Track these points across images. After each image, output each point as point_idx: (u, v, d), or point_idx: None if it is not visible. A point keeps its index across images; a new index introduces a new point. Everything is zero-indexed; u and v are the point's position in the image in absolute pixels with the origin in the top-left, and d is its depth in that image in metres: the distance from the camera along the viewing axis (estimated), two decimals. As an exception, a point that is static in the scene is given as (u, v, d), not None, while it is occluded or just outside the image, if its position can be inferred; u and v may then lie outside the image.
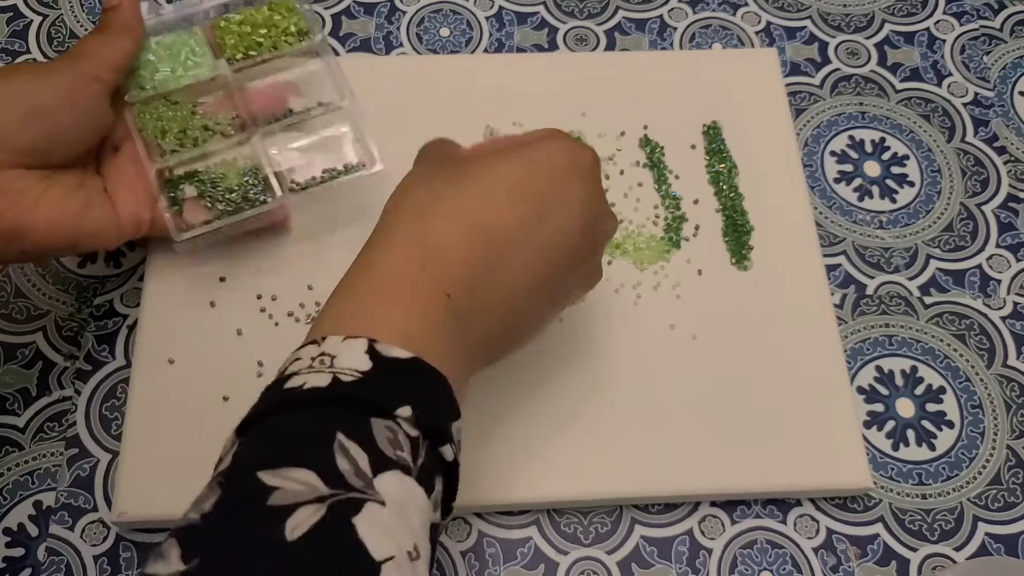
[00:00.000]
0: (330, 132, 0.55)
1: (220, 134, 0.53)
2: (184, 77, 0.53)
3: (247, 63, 0.54)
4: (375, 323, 0.37)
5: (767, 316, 0.56)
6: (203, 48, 0.54)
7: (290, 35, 0.55)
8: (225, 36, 0.54)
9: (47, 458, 0.53)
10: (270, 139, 0.54)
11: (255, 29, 0.54)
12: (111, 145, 0.51)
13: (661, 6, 0.69)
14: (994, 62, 0.68)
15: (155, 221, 0.51)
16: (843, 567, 0.52)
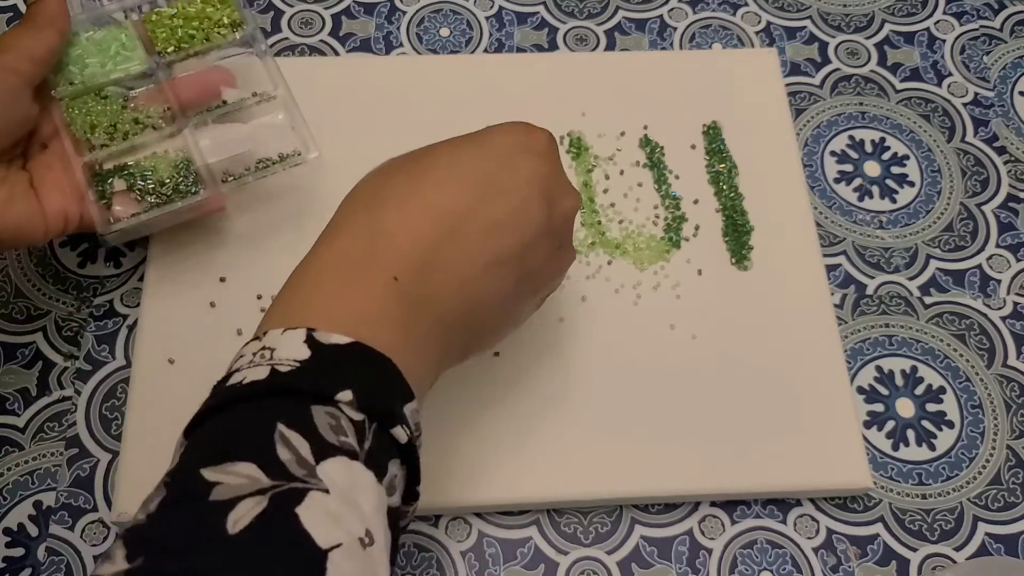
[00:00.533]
0: (266, 121, 0.54)
1: (151, 127, 0.52)
2: (113, 71, 0.52)
3: (179, 56, 0.53)
4: (315, 312, 0.37)
5: (767, 316, 0.56)
6: (133, 42, 0.53)
7: (223, 27, 0.54)
8: (156, 29, 0.53)
9: (47, 458, 0.53)
10: (203, 130, 0.53)
11: (187, 22, 0.54)
12: (38, 142, 0.51)
13: (661, 6, 0.69)
14: (994, 62, 0.68)
15: (84, 217, 0.50)
16: (843, 567, 0.52)
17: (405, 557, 0.51)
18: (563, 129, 0.61)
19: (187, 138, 0.52)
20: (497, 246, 0.41)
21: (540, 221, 0.42)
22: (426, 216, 0.39)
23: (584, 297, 0.56)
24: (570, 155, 0.60)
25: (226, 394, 0.35)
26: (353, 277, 0.38)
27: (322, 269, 0.39)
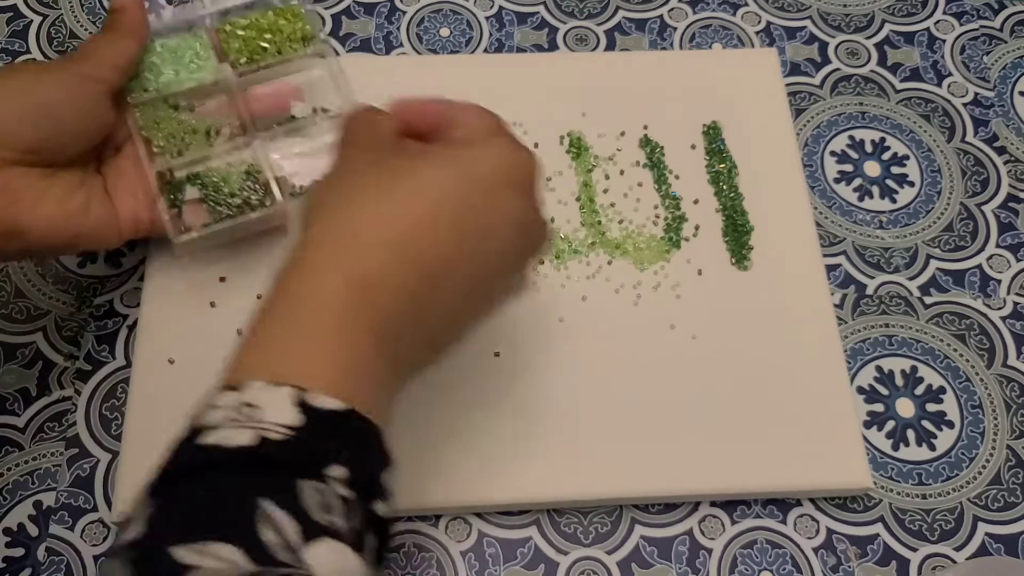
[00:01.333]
0: (333, 137, 0.55)
1: (222, 137, 0.53)
2: (187, 80, 0.53)
3: (251, 68, 0.54)
4: (302, 367, 0.34)
5: (767, 316, 0.56)
6: (207, 52, 0.54)
7: (295, 41, 0.55)
8: (230, 40, 0.54)
9: (47, 458, 0.53)
10: (272, 143, 0.54)
11: (260, 34, 0.54)
12: (113, 146, 0.51)
13: (661, 6, 0.69)
14: (994, 62, 0.68)
15: (154, 222, 0.51)
16: (843, 567, 0.52)
17: (405, 557, 0.51)
18: (563, 129, 0.61)
19: (257, 150, 0.53)
20: (472, 288, 0.39)
21: (513, 258, 0.41)
22: (411, 263, 0.37)
23: (584, 297, 0.56)
24: (570, 155, 0.60)
25: (204, 457, 0.32)
26: (338, 327, 0.35)
27: (305, 312, 0.36)
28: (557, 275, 0.57)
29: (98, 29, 0.66)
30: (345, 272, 0.36)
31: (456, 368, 0.54)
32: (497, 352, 0.54)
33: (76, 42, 0.66)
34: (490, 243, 0.39)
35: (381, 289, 0.36)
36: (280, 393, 0.33)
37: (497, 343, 0.54)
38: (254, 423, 0.32)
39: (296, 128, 0.54)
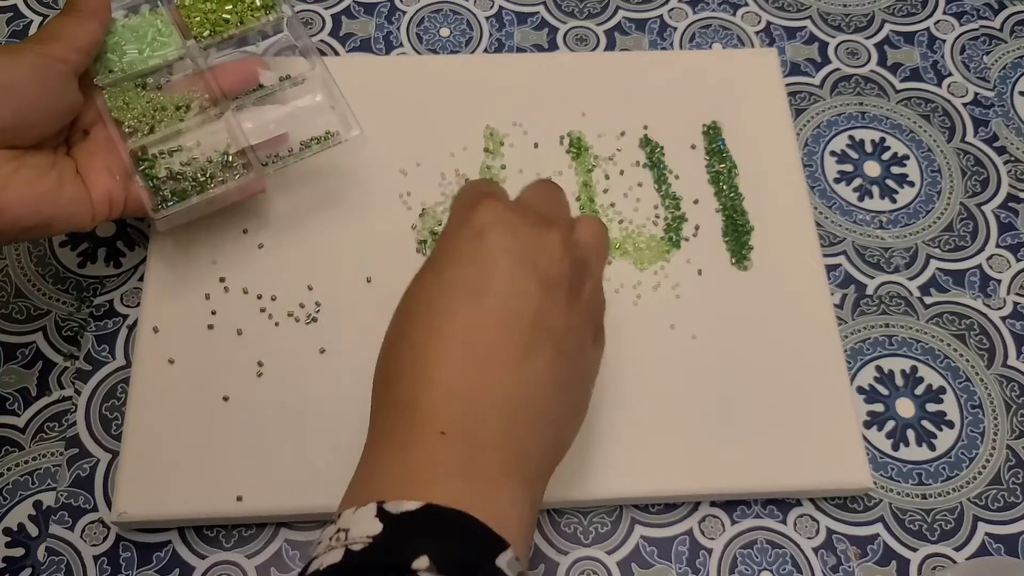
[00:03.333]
0: (304, 102, 0.55)
1: (192, 112, 0.52)
2: (152, 57, 0.53)
3: (214, 40, 0.54)
4: (381, 484, 0.36)
5: (767, 316, 0.56)
6: (169, 28, 0.54)
7: (256, 9, 0.54)
8: (191, 14, 0.54)
9: (47, 458, 0.53)
10: (243, 113, 0.53)
11: (220, 5, 0.54)
12: (80, 129, 0.51)
13: (661, 6, 0.69)
14: (994, 62, 0.68)
15: (128, 202, 0.50)
16: (843, 567, 0.52)
17: (405, 557, 0.51)
18: (563, 129, 0.61)
19: (229, 121, 0.53)
20: (511, 341, 0.39)
21: (532, 284, 0.39)
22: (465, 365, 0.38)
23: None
24: (570, 155, 0.60)
25: None
26: (403, 447, 0.37)
27: (377, 449, 0.39)
28: (557, 275, 0.57)
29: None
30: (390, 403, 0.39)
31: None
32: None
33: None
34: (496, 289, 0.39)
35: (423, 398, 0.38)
36: (364, 511, 0.34)
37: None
38: (343, 543, 0.34)
39: (265, 95, 0.54)
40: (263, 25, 0.55)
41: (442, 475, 0.36)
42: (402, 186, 0.59)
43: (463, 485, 0.36)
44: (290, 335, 0.54)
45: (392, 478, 0.36)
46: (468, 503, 0.35)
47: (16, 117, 0.46)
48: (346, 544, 0.33)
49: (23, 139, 0.47)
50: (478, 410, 0.38)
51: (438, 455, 0.36)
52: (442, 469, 0.36)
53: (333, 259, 0.56)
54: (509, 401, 0.38)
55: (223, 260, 0.56)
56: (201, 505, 0.50)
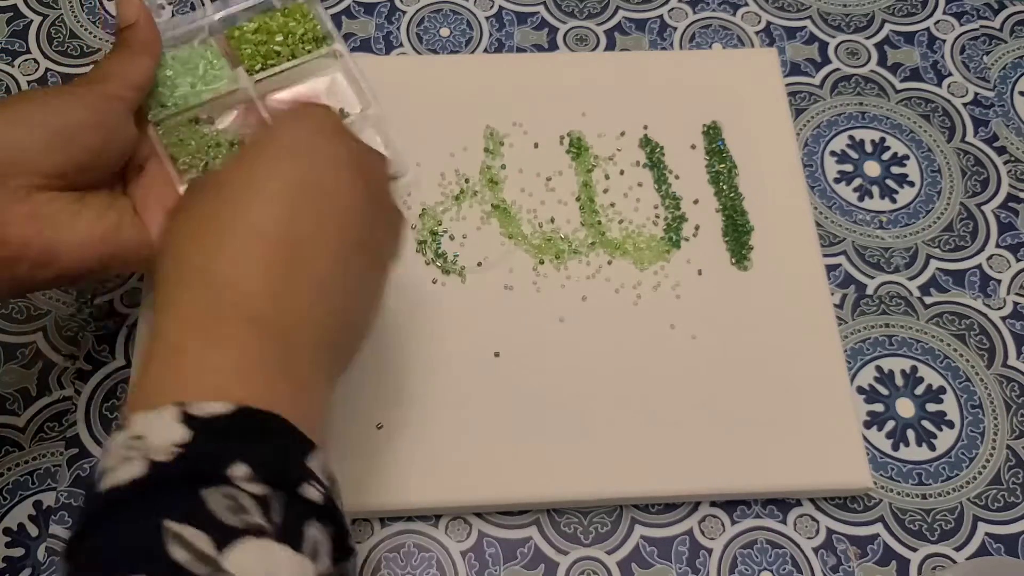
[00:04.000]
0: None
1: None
2: (205, 91, 0.51)
3: (266, 73, 0.53)
4: (180, 383, 0.33)
5: (767, 316, 0.56)
6: (220, 60, 0.52)
7: (307, 42, 0.53)
8: (241, 46, 0.53)
9: (47, 458, 0.53)
10: None
11: (271, 37, 0.53)
12: (135, 165, 0.50)
13: (661, 6, 0.69)
14: (994, 62, 0.68)
15: None
16: (843, 567, 0.52)
17: (405, 557, 0.51)
18: (563, 129, 0.61)
19: None
20: (336, 240, 0.38)
21: (362, 197, 0.39)
22: (257, 248, 0.36)
23: (584, 297, 0.56)
24: (570, 155, 0.60)
25: (102, 501, 0.31)
26: (207, 334, 0.34)
27: (172, 338, 0.35)
28: (557, 275, 0.57)
29: (97, 28, 0.66)
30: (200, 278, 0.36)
31: (456, 368, 0.54)
32: (497, 352, 0.54)
33: (76, 42, 0.66)
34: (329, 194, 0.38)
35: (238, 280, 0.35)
36: (163, 414, 0.31)
37: (497, 343, 0.54)
38: (142, 453, 0.31)
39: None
40: (314, 58, 0.53)
41: (248, 366, 0.34)
42: (402, 186, 0.59)
43: (271, 380, 0.34)
44: (290, 335, 0.54)
45: (192, 373, 0.33)
46: (281, 405, 0.33)
47: (75, 162, 0.45)
48: (148, 455, 0.30)
49: (83, 181, 0.46)
50: (294, 302, 0.36)
51: (245, 342, 0.34)
52: (250, 360, 0.34)
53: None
54: (324, 293, 0.37)
55: (223, 260, 0.56)
56: (201, 505, 0.50)
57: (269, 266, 0.36)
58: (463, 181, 0.59)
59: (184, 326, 0.35)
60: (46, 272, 0.44)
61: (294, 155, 0.39)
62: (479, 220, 0.58)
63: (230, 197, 0.38)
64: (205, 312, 0.35)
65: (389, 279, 0.42)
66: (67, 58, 0.65)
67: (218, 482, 0.30)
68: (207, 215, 0.37)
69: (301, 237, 0.37)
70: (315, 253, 0.37)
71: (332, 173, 0.39)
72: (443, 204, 0.58)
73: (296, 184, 0.38)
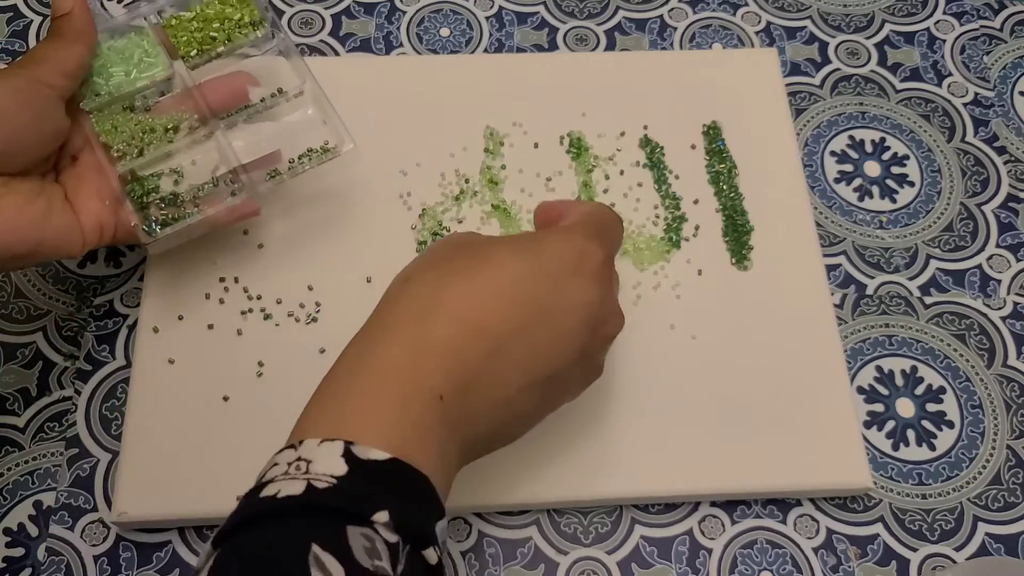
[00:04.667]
0: (296, 117, 0.54)
1: (182, 132, 0.52)
2: (139, 79, 0.52)
3: (202, 59, 0.53)
4: (354, 424, 0.36)
5: (767, 316, 0.56)
6: (156, 48, 0.53)
7: (244, 26, 0.54)
8: (178, 33, 0.53)
9: (47, 458, 0.53)
10: (234, 132, 0.53)
11: (207, 24, 0.53)
12: (69, 155, 0.50)
13: (661, 6, 0.69)
14: (994, 62, 0.68)
15: (118, 227, 0.50)
16: (843, 567, 0.52)
17: (405, 557, 0.51)
18: (563, 129, 0.61)
19: (219, 141, 0.52)
20: (538, 371, 0.41)
21: (579, 348, 0.42)
22: (474, 335, 0.39)
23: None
24: (570, 155, 0.60)
25: (258, 507, 0.34)
26: (397, 390, 0.37)
27: (365, 378, 0.38)
28: (557, 275, 0.57)
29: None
30: (411, 343, 0.39)
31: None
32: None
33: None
34: (556, 326, 0.41)
35: (442, 356, 0.38)
36: (330, 447, 0.35)
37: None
38: (304, 475, 0.34)
39: (257, 113, 0.53)
40: (251, 42, 0.54)
41: (417, 436, 0.37)
42: (402, 186, 0.59)
43: (431, 451, 0.37)
44: (290, 335, 0.54)
45: (369, 420, 0.36)
46: (430, 467, 0.36)
47: (3, 144, 0.45)
48: (308, 478, 0.34)
49: (9, 166, 0.46)
50: (475, 401, 0.39)
51: (425, 416, 0.37)
52: (421, 430, 0.37)
53: (333, 259, 0.56)
54: (498, 407, 0.40)
55: (223, 260, 0.56)
56: (201, 505, 0.50)
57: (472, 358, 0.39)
58: (463, 181, 0.59)
59: (382, 376, 0.38)
60: None
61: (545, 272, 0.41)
62: (479, 220, 0.58)
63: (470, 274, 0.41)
64: (400, 374, 0.38)
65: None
66: (67, 58, 0.65)
67: (362, 523, 0.33)
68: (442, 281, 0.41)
69: (507, 346, 0.40)
70: (511, 367, 0.40)
71: (568, 313, 0.41)
72: (443, 204, 0.58)
73: (530, 299, 0.41)
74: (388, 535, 0.33)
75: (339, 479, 0.34)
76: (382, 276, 0.55)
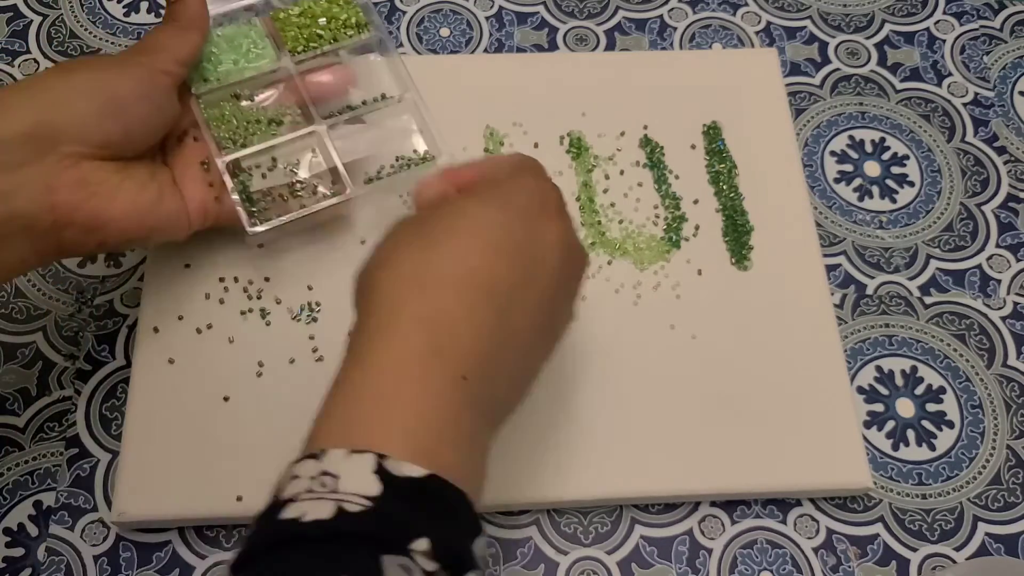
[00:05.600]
0: (393, 123, 0.55)
1: (285, 127, 0.52)
2: (247, 69, 0.53)
3: (308, 55, 0.54)
4: (383, 432, 0.33)
5: (767, 316, 0.56)
6: (264, 40, 0.54)
7: (350, 27, 0.55)
8: (285, 27, 0.54)
9: (47, 458, 0.53)
10: (334, 131, 0.53)
11: (314, 20, 0.54)
12: (175, 136, 0.51)
13: (661, 6, 0.69)
14: (994, 62, 0.68)
15: (221, 212, 0.51)
16: (843, 567, 0.52)
17: (405, 557, 0.51)
18: (563, 129, 0.61)
19: (323, 138, 0.53)
20: (540, 320, 0.40)
21: (565, 282, 0.41)
22: (482, 295, 0.37)
23: (584, 297, 0.56)
24: (570, 155, 0.60)
25: (284, 531, 0.31)
26: (420, 386, 0.35)
27: (383, 376, 0.35)
28: (557, 275, 0.57)
29: (97, 28, 0.66)
30: (421, 325, 0.36)
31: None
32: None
33: (76, 42, 0.66)
34: (543, 268, 0.40)
35: (460, 327, 0.36)
36: (360, 461, 0.32)
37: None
38: (332, 494, 0.31)
39: (356, 115, 0.54)
40: (355, 43, 0.55)
41: (450, 437, 0.34)
42: (402, 186, 0.59)
43: (463, 450, 0.35)
44: (290, 335, 0.54)
45: (397, 427, 0.33)
46: (463, 475, 0.34)
47: (124, 132, 0.46)
48: (338, 499, 0.31)
49: (128, 151, 0.47)
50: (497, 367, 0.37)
51: (451, 405, 0.34)
52: (452, 428, 0.34)
53: (333, 259, 0.56)
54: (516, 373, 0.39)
55: (223, 260, 0.56)
56: (201, 505, 0.50)
57: (482, 322, 0.37)
58: (463, 181, 0.59)
59: (401, 373, 0.35)
60: (89, 239, 0.45)
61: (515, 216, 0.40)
62: (479, 220, 0.58)
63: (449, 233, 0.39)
64: (420, 362, 0.35)
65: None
66: (67, 58, 0.65)
67: (399, 552, 0.30)
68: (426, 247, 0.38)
69: (511, 305, 0.38)
70: (518, 327, 0.38)
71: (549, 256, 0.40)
72: (443, 204, 0.58)
73: (513, 248, 0.38)
74: (426, 563, 0.31)
75: (373, 500, 0.31)
76: (382, 276, 0.56)
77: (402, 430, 0.33)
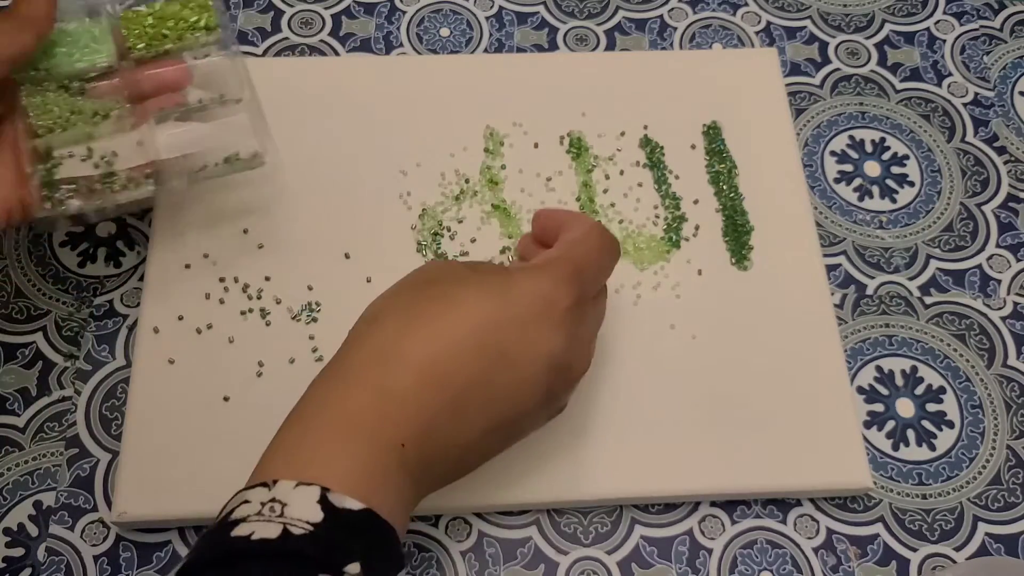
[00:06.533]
0: (227, 123, 0.53)
1: (110, 121, 0.51)
2: (80, 61, 0.51)
3: (148, 54, 0.52)
4: (329, 470, 0.37)
5: (767, 316, 0.56)
6: (105, 36, 0.52)
7: (197, 29, 0.53)
8: (131, 26, 0.53)
9: (47, 458, 0.53)
10: (162, 126, 0.52)
11: (162, 22, 0.53)
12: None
13: (661, 6, 0.69)
14: (994, 62, 0.68)
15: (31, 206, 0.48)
16: (843, 567, 0.52)
17: (405, 557, 0.51)
18: (563, 129, 0.61)
19: (145, 133, 0.51)
20: (498, 417, 0.41)
21: (542, 393, 0.42)
22: (434, 386, 0.39)
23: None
24: (570, 155, 0.60)
25: (233, 546, 0.34)
26: (366, 439, 0.38)
27: (333, 423, 0.39)
28: (557, 275, 0.57)
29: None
30: (375, 389, 0.39)
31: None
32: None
33: None
34: (516, 374, 0.41)
35: (408, 409, 0.39)
36: (306, 492, 0.35)
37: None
38: (280, 518, 0.34)
39: (189, 112, 0.53)
40: (200, 44, 0.53)
41: (385, 485, 0.37)
42: (402, 186, 0.59)
43: (394, 498, 0.38)
44: (290, 335, 0.54)
45: (340, 466, 0.37)
46: (394, 516, 0.37)
47: None
48: (284, 522, 0.34)
49: None
50: (435, 446, 0.39)
51: (389, 463, 0.38)
52: (387, 479, 0.38)
53: (333, 259, 0.56)
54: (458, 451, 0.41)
55: (223, 260, 0.56)
56: (201, 505, 0.50)
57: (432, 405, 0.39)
58: (463, 181, 0.59)
59: (350, 423, 0.38)
60: None
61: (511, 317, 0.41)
62: (479, 220, 0.58)
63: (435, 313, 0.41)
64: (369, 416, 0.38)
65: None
66: None
67: (334, 572, 0.34)
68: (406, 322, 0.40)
69: (468, 394, 0.40)
70: (471, 414, 0.40)
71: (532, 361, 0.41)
72: (443, 204, 0.58)
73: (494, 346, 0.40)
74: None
75: (315, 526, 0.34)
76: (382, 276, 0.55)
77: (344, 471, 0.37)
